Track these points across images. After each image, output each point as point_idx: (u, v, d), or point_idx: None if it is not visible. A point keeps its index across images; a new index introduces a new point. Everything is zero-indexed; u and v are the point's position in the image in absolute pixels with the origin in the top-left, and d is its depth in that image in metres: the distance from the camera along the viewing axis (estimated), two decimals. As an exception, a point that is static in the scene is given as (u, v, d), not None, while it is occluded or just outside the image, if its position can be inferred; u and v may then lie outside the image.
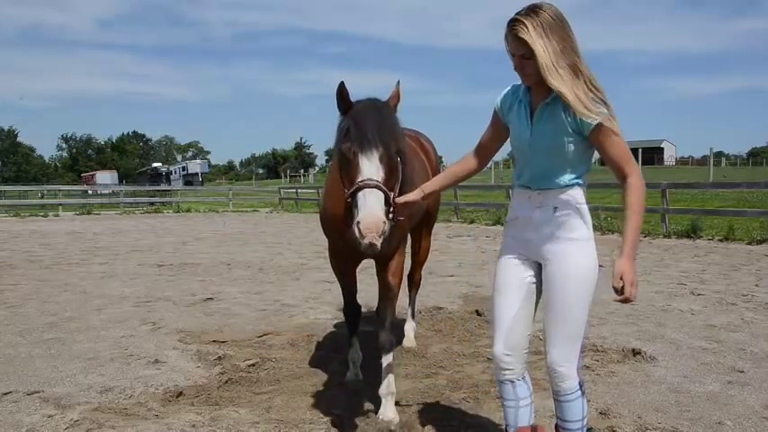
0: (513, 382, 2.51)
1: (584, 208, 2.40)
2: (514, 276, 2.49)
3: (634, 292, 2.19)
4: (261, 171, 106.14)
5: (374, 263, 3.68)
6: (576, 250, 2.35)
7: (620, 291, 2.20)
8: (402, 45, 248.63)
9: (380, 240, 2.56)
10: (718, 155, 75.19)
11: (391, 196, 2.72)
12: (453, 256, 10.78)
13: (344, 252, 3.58)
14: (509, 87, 2.54)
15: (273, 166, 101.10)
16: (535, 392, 2.72)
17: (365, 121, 2.75)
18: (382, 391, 3.49)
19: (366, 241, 2.54)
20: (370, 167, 2.69)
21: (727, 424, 3.32)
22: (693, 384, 3.95)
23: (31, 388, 4.01)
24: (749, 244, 11.32)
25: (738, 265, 8.93)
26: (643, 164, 24.91)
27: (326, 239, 3.81)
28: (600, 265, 2.43)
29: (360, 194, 2.64)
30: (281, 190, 34.30)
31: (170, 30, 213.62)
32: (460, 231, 15.78)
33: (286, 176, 69.41)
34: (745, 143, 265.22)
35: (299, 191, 33.90)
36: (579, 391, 2.42)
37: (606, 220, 14.47)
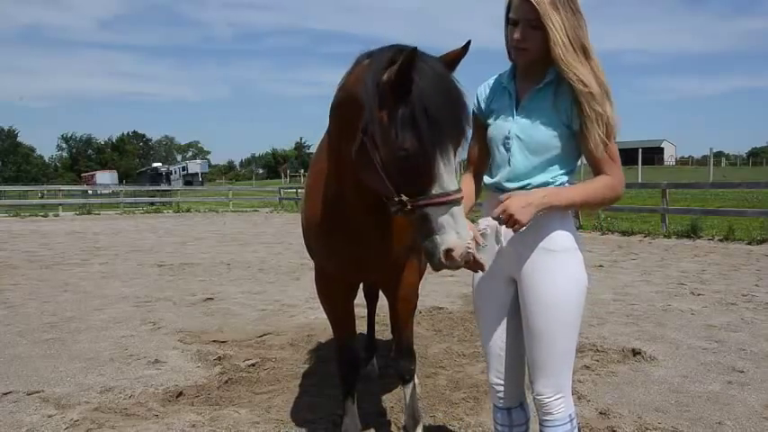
0: (509, 409, 2.26)
1: (568, 213, 2.05)
2: (491, 298, 2.19)
3: (497, 211, 1.89)
4: (261, 171, 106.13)
5: (377, 278, 3.03)
6: (557, 265, 2.00)
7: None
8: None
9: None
10: (719, 155, 75.25)
11: None
12: (453, 256, 10.76)
13: (337, 277, 2.75)
14: (485, 83, 2.21)
15: (273, 166, 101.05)
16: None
17: (444, 105, 1.85)
18: (408, 422, 3.09)
19: (453, 264, 1.85)
20: (451, 174, 1.87)
21: (727, 424, 3.32)
22: (693, 384, 3.95)
23: (31, 388, 4.02)
24: (749, 244, 11.31)
25: (738, 265, 8.92)
26: (643, 164, 24.89)
27: (311, 259, 2.86)
28: (600, 265, 2.38)
29: (445, 213, 1.84)
30: (281, 190, 34.27)
31: (170, 30, 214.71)
32: (460, 231, 15.74)
33: (286, 176, 69.28)
34: (745, 143, 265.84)
35: (299, 191, 33.85)
36: (569, 424, 2.09)
37: (606, 221, 14.46)
